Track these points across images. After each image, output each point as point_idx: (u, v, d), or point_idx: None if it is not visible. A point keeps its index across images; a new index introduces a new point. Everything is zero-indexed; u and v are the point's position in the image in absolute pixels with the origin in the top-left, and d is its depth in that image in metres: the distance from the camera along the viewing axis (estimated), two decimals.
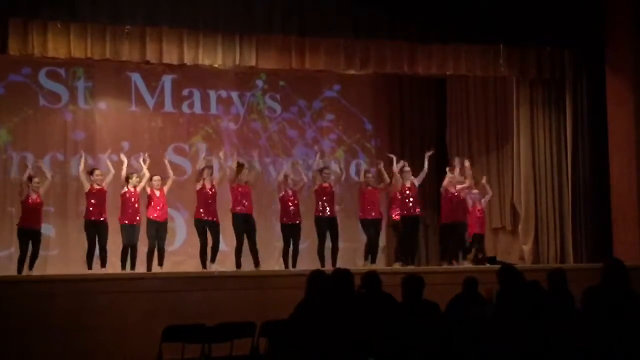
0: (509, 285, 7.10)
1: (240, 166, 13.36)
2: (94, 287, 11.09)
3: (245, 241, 12.90)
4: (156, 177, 13.08)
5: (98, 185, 12.67)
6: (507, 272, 7.31)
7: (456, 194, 13.93)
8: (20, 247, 12.38)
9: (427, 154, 14.06)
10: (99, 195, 12.66)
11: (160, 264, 12.91)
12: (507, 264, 13.52)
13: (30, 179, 12.49)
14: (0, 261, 14.33)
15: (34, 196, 12.40)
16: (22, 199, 12.47)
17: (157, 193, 13.01)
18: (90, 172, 12.80)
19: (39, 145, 14.81)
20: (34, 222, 12.43)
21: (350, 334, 6.40)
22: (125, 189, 12.84)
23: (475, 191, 14.31)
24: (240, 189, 13.07)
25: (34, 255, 12.36)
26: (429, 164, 13.99)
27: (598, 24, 14.37)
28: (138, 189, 12.93)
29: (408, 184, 13.78)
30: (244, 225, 12.97)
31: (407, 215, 13.75)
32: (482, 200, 14.42)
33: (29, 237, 12.36)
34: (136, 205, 12.87)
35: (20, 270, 12.22)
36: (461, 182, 14.06)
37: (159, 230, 12.96)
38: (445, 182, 14.03)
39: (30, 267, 12.30)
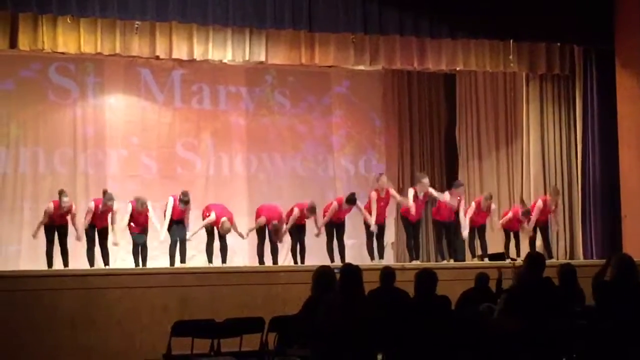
0: (534, 272, 7.06)
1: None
2: (103, 282, 11.10)
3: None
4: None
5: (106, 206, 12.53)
6: (537, 258, 7.28)
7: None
8: (47, 240, 12.31)
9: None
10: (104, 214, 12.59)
11: (183, 260, 12.85)
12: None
13: (60, 194, 12.36)
14: (9, 255, 14.38)
15: (62, 212, 12.32)
16: (51, 210, 12.30)
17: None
18: (104, 195, 12.64)
19: (49, 140, 14.83)
20: (58, 221, 12.38)
21: (359, 330, 6.39)
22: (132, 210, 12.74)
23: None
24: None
25: (63, 250, 12.26)
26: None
27: (608, 19, 14.32)
28: (161, 237, 12.91)
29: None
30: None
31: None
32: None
33: (54, 230, 12.28)
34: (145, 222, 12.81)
35: (50, 263, 12.16)
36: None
37: (179, 226, 12.90)
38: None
39: (65, 264, 12.20)
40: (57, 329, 10.65)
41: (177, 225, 12.86)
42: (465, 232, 13.79)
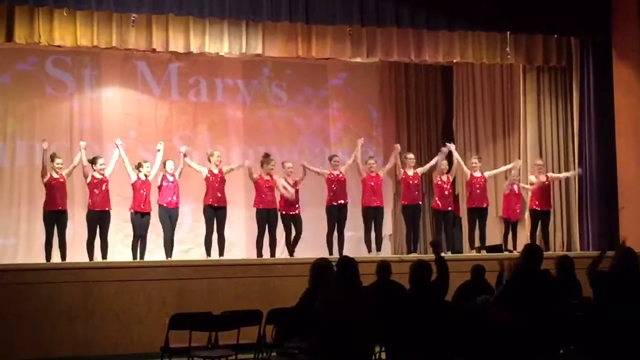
0: (531, 264, 7.08)
1: (266, 156, 13.35)
2: (101, 275, 11.11)
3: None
4: (170, 162, 13.01)
5: (100, 174, 12.54)
6: (534, 250, 7.30)
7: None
8: (46, 231, 12.26)
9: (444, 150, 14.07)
10: (102, 185, 12.51)
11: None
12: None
13: (52, 158, 12.34)
14: (7, 249, 14.38)
15: (56, 176, 12.25)
16: (45, 181, 12.26)
17: (170, 179, 12.89)
18: (93, 161, 12.65)
19: (46, 133, 14.73)
20: (58, 203, 12.22)
21: (356, 322, 6.40)
22: (136, 178, 12.74)
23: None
24: (262, 182, 13.11)
25: (62, 242, 12.22)
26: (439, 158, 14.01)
27: (605, 11, 14.31)
28: (150, 177, 12.81)
29: (411, 173, 13.80)
30: (267, 217, 13.07)
31: (410, 204, 13.83)
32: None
33: (54, 219, 12.22)
34: (146, 194, 12.76)
35: (48, 257, 12.15)
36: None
37: (172, 218, 12.87)
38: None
39: (62, 257, 12.20)
40: (55, 322, 10.67)
41: None
42: None
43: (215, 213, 12.93)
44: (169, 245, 12.77)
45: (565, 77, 15.07)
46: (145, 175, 12.71)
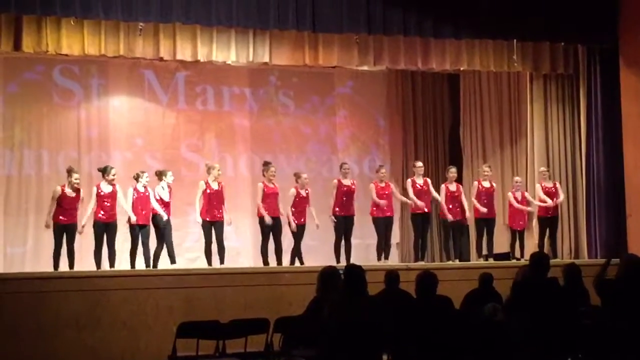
0: (538, 272, 7.09)
1: (265, 164, 13.37)
2: (108, 284, 11.12)
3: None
4: (169, 173, 13.01)
5: (110, 185, 12.47)
6: (541, 258, 7.30)
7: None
8: (55, 242, 12.21)
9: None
10: (111, 198, 12.45)
11: (173, 261, 12.85)
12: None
13: (70, 173, 12.30)
14: (15, 258, 14.40)
15: (70, 192, 12.22)
16: (59, 193, 12.21)
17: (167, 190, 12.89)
18: (104, 171, 12.61)
19: (53, 142, 14.85)
20: (69, 217, 12.16)
21: (364, 330, 6.40)
22: (133, 192, 12.64)
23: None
24: (266, 190, 13.11)
25: (70, 252, 12.18)
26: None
27: (612, 18, 14.30)
28: (149, 188, 12.78)
29: (421, 181, 13.80)
30: (272, 225, 13.03)
31: (419, 212, 13.81)
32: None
33: (63, 230, 12.17)
34: (146, 209, 12.70)
35: (56, 266, 12.11)
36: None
37: (166, 228, 12.80)
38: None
39: (70, 266, 12.16)
40: (62, 330, 10.68)
41: None
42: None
43: (212, 225, 12.89)
44: (158, 256, 12.72)
45: (572, 84, 15.05)
46: (144, 187, 12.68)
